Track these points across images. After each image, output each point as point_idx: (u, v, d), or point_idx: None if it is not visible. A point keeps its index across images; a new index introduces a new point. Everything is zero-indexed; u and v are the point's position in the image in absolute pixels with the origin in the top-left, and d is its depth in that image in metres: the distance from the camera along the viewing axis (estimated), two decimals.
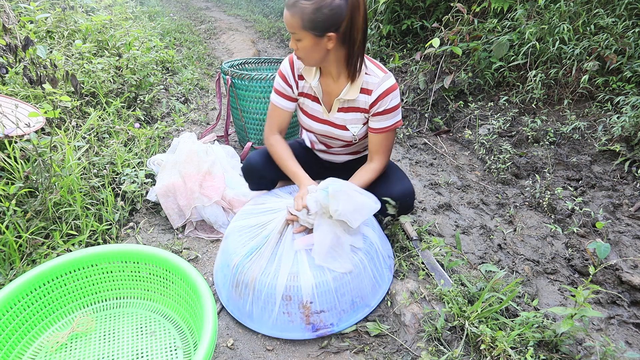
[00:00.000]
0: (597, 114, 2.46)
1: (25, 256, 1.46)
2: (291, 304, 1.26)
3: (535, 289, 1.53)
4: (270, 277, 1.28)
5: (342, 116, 1.46)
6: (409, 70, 3.40)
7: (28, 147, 1.56)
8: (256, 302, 1.30)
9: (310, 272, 1.27)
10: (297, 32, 1.24)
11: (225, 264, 1.40)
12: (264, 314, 1.30)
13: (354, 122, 1.46)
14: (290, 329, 1.29)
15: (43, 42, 2.85)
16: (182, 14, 7.76)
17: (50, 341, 1.20)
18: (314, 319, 1.28)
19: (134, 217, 1.87)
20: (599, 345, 1.15)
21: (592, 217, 1.86)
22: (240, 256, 1.34)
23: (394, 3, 3.84)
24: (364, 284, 1.34)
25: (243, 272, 1.31)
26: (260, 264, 1.30)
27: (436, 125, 2.97)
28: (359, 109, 1.43)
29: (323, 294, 1.26)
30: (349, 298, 1.30)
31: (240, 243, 1.38)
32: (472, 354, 1.22)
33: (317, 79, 1.43)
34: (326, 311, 1.28)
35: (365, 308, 1.36)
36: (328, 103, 1.47)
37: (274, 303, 1.27)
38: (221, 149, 2.05)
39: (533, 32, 2.69)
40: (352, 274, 1.30)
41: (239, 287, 1.33)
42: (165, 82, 3.59)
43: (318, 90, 1.45)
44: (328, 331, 1.30)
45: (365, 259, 1.34)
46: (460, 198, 2.14)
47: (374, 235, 1.44)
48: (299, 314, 1.27)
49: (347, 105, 1.43)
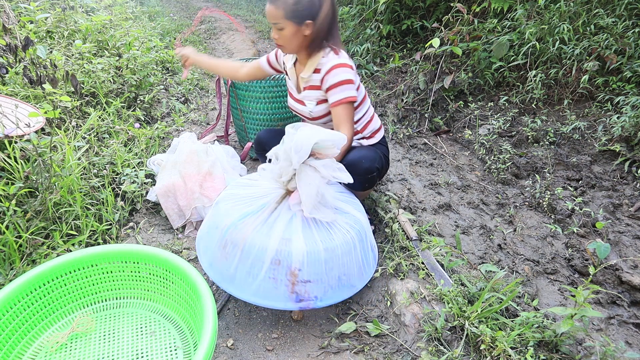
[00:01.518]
0: (597, 114, 2.46)
1: (25, 256, 1.46)
2: (279, 269, 1.25)
3: (535, 289, 1.53)
4: (261, 238, 1.27)
5: (305, 93, 1.69)
6: (409, 71, 3.40)
7: (28, 147, 1.56)
8: (242, 264, 1.28)
9: (304, 240, 1.27)
10: (279, 21, 1.46)
11: (214, 225, 1.38)
12: (248, 278, 1.28)
13: (310, 99, 1.68)
14: (274, 297, 1.27)
15: (43, 42, 2.85)
16: (182, 14, 7.76)
17: (50, 341, 1.20)
18: (299, 288, 1.27)
19: (134, 217, 1.87)
20: (599, 345, 1.15)
21: (592, 217, 1.86)
22: (233, 218, 1.33)
23: (394, 3, 3.84)
24: (352, 263, 1.35)
25: (234, 232, 1.30)
26: (254, 225, 1.30)
27: (436, 125, 2.97)
28: (314, 87, 1.64)
29: (312, 264, 1.26)
30: (336, 273, 1.31)
31: (234, 208, 1.38)
32: (472, 354, 1.22)
33: (291, 63, 1.71)
34: (312, 282, 1.28)
35: (351, 288, 1.36)
36: (299, 85, 1.73)
37: (261, 266, 1.25)
38: (221, 149, 2.05)
39: (533, 32, 2.69)
40: (342, 249, 1.31)
41: (227, 248, 1.31)
42: (165, 82, 3.59)
43: (291, 73, 1.73)
44: (311, 304, 1.28)
45: (356, 238, 1.36)
46: (460, 198, 2.14)
47: (365, 220, 1.46)
48: (285, 280, 1.26)
49: (308, 84, 1.66)
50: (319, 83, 1.61)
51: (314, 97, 1.66)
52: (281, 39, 1.52)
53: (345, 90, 1.55)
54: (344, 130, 1.56)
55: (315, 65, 1.59)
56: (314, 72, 1.60)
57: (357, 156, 1.59)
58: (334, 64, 1.54)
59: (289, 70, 1.74)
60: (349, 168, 1.52)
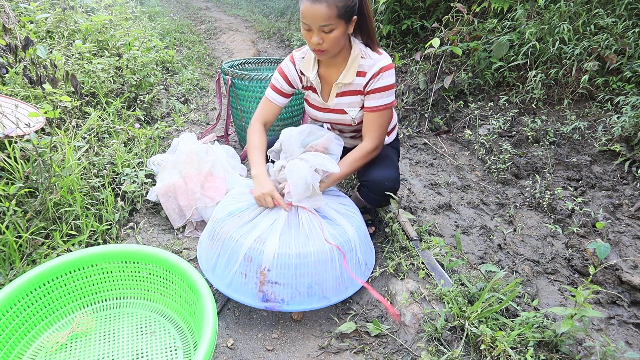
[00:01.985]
0: (597, 114, 2.46)
1: (25, 256, 1.46)
2: (250, 266, 1.29)
3: (535, 289, 1.53)
4: (241, 234, 1.33)
5: (340, 101, 1.50)
6: (409, 71, 3.40)
7: (28, 147, 1.56)
8: (222, 256, 1.35)
9: (277, 242, 1.29)
10: (331, 22, 1.23)
11: (213, 218, 1.48)
12: (225, 270, 1.34)
13: (351, 106, 1.49)
14: (243, 292, 1.31)
15: (43, 42, 2.85)
16: (182, 14, 7.76)
17: (50, 341, 1.20)
18: (267, 288, 1.29)
19: (134, 217, 1.87)
20: (599, 346, 1.15)
21: (592, 217, 1.86)
22: (224, 213, 1.42)
23: (394, 3, 3.84)
24: (327, 275, 1.32)
25: (221, 226, 1.38)
26: (238, 223, 1.37)
27: (436, 126, 2.97)
28: (355, 92, 1.46)
29: (282, 266, 1.27)
30: (307, 281, 1.29)
31: (229, 203, 1.48)
32: (472, 354, 1.22)
33: (315, 72, 1.47)
34: (280, 284, 1.28)
35: (323, 300, 1.33)
36: (327, 92, 1.53)
37: (235, 260, 1.31)
38: (221, 149, 2.05)
39: (533, 32, 2.69)
40: (316, 257, 1.29)
41: (213, 239, 1.40)
42: (165, 82, 3.59)
43: (317, 83, 1.51)
44: (277, 306, 1.29)
45: (335, 252, 1.32)
46: (460, 198, 2.14)
47: (355, 235, 1.41)
48: (255, 278, 1.29)
49: (344, 90, 1.47)
50: (361, 88, 1.43)
51: (356, 102, 1.48)
52: (328, 42, 1.28)
53: (389, 96, 1.42)
54: (374, 137, 1.44)
55: (357, 67, 1.40)
56: (358, 76, 1.41)
57: (381, 177, 1.49)
58: (382, 66, 1.37)
59: (314, 81, 1.49)
60: (371, 187, 1.52)
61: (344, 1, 1.22)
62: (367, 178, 1.53)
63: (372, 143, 1.47)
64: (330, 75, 1.48)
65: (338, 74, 1.45)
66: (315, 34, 1.26)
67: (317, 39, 1.27)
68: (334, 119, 1.56)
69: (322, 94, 1.53)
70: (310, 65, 1.47)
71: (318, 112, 1.58)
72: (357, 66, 1.40)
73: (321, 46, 1.29)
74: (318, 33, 1.26)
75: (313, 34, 1.27)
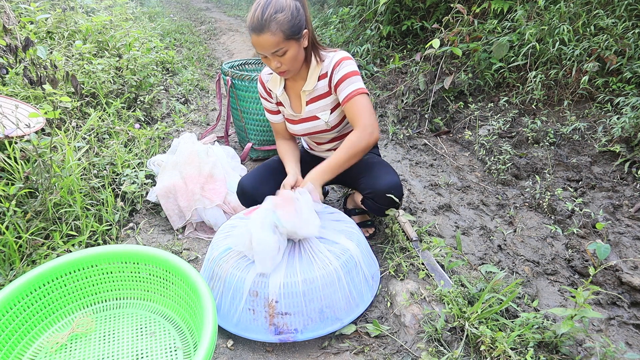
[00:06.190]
0: (597, 115, 2.46)
1: (25, 257, 1.46)
2: (257, 301, 1.24)
3: (535, 290, 1.53)
4: (241, 270, 1.28)
5: (311, 107, 1.53)
6: (409, 71, 3.40)
7: (28, 148, 1.56)
8: (225, 295, 1.29)
9: (282, 271, 1.26)
10: (281, 46, 1.28)
11: (208, 257, 1.43)
12: (230, 309, 1.29)
13: (323, 110, 1.52)
14: (253, 328, 1.26)
15: (43, 42, 2.86)
16: (182, 15, 7.77)
17: (50, 342, 1.20)
18: (278, 320, 1.24)
19: (134, 217, 1.87)
20: (599, 346, 1.15)
21: (592, 218, 1.86)
22: (219, 250, 1.37)
23: (394, 4, 3.84)
24: (336, 296, 1.28)
25: (219, 265, 1.33)
26: (235, 258, 1.32)
27: (436, 126, 2.97)
28: (324, 95, 1.49)
29: (290, 295, 1.23)
30: (317, 306, 1.25)
31: (223, 238, 1.42)
32: (472, 354, 1.22)
33: (281, 88, 1.54)
34: (291, 314, 1.24)
35: (336, 322, 1.29)
36: (298, 103, 1.56)
37: (240, 297, 1.26)
38: (221, 150, 2.05)
39: (533, 33, 2.69)
40: (323, 281, 1.26)
41: (214, 279, 1.34)
42: (165, 82, 3.60)
43: (284, 98, 1.56)
44: (291, 337, 1.25)
45: (341, 270, 1.29)
46: (460, 199, 2.14)
47: (356, 250, 1.38)
48: (264, 312, 1.24)
49: (312, 96, 1.50)
50: (327, 88, 1.47)
51: (326, 105, 1.51)
52: (285, 64, 1.33)
53: (358, 81, 1.41)
54: (364, 121, 1.38)
55: (318, 72, 1.45)
56: (319, 80, 1.46)
57: (386, 186, 1.46)
58: (339, 58, 1.41)
59: (280, 97, 1.56)
60: (377, 199, 1.50)
61: (288, 23, 1.25)
62: (371, 190, 1.50)
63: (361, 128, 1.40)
64: (297, 87, 1.53)
65: (302, 82, 1.50)
66: (271, 60, 1.32)
67: (275, 63, 1.33)
68: (309, 127, 1.57)
69: (294, 106, 1.57)
70: (277, 83, 1.55)
71: (293, 125, 1.60)
72: (318, 71, 1.45)
73: (281, 68, 1.35)
74: (273, 58, 1.31)
75: (270, 61, 1.33)
